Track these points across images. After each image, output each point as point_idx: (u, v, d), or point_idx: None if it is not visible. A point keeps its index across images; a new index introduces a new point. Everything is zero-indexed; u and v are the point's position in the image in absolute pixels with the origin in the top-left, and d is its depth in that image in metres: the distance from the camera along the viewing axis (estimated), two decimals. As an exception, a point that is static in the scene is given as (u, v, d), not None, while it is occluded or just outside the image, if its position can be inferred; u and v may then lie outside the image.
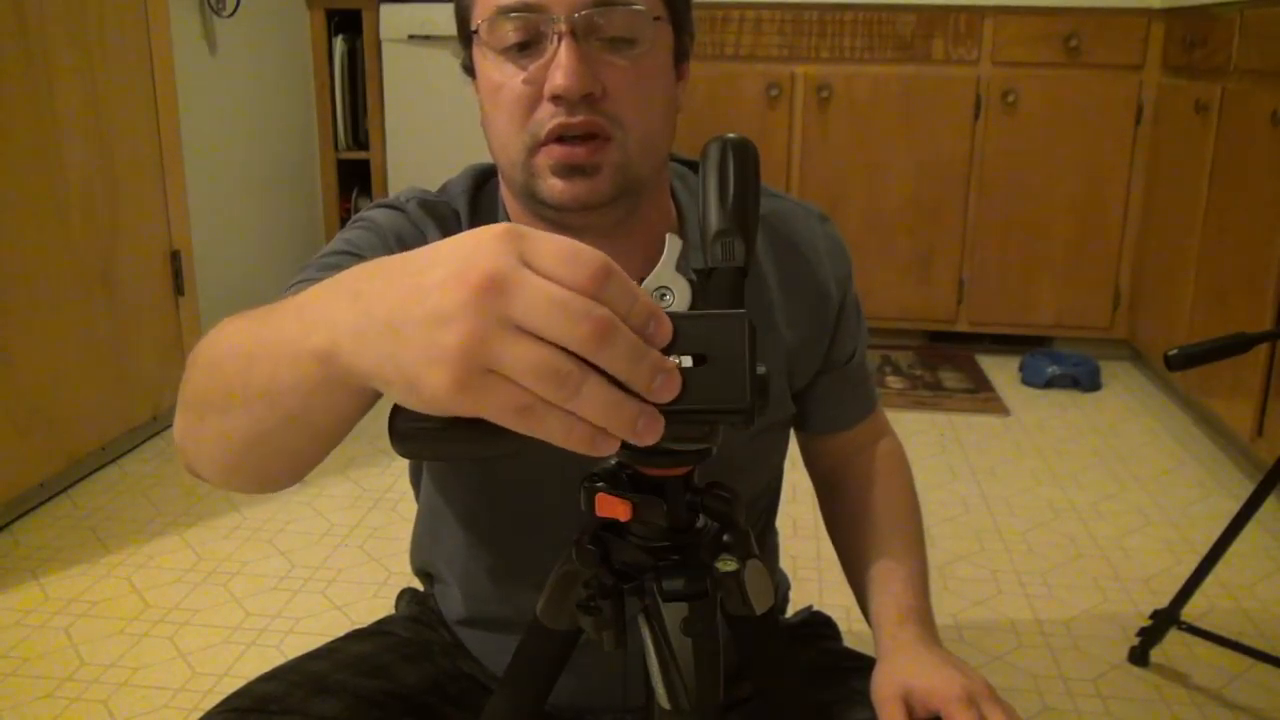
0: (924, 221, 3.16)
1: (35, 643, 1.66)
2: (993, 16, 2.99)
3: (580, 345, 0.41)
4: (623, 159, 0.77)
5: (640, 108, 0.77)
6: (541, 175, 0.77)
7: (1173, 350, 1.41)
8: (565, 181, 0.76)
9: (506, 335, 0.41)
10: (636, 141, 0.77)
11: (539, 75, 0.75)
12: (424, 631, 1.01)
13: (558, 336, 0.41)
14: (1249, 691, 1.58)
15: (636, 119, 0.77)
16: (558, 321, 0.41)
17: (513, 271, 0.41)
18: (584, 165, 0.75)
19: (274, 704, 0.84)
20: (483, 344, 0.41)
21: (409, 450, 0.51)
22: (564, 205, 0.77)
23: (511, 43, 0.75)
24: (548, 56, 0.74)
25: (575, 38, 0.73)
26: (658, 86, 0.79)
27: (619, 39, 0.75)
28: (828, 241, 0.95)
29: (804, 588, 1.82)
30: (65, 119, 2.18)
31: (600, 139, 0.76)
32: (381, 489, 2.23)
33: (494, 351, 0.41)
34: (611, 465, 0.57)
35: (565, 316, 0.41)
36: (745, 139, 0.57)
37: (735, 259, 0.54)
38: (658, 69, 0.79)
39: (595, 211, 0.78)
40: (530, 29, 0.74)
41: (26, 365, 2.09)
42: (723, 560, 0.58)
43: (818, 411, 0.99)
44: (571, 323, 0.41)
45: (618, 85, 0.75)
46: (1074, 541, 2.06)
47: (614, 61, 0.75)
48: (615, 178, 0.77)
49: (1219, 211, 2.49)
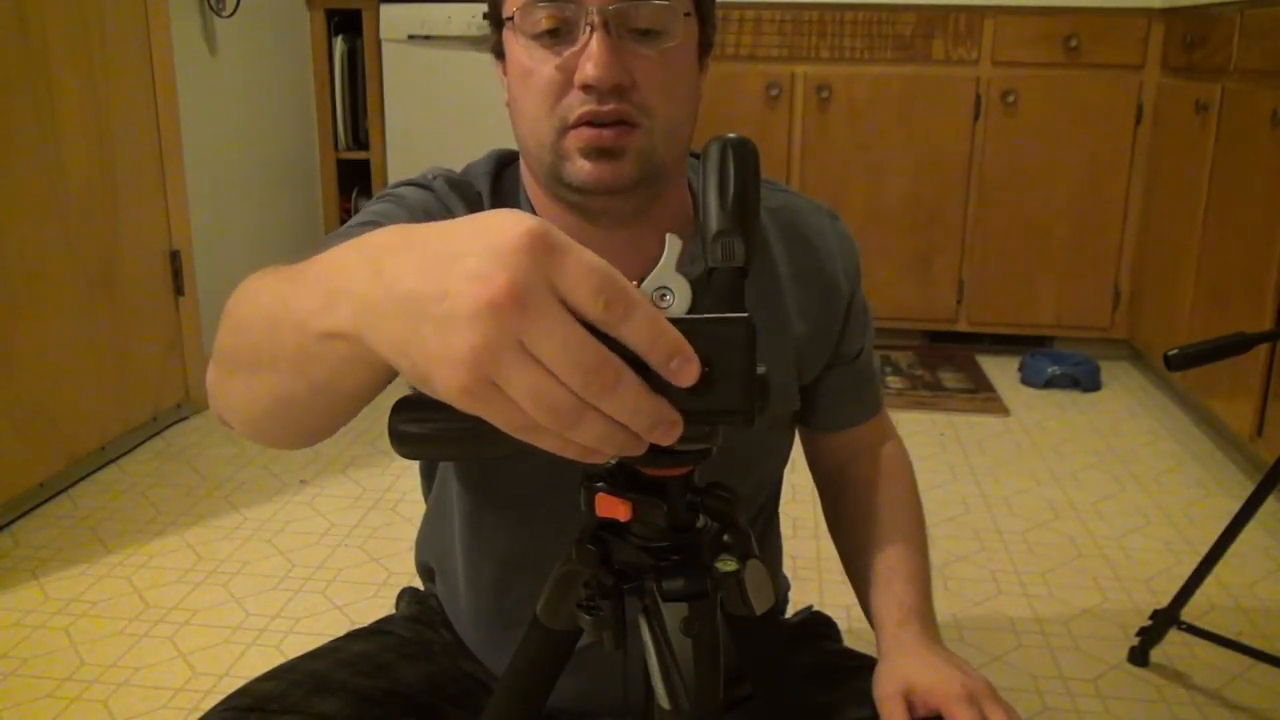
0: (924, 221, 3.16)
1: (35, 643, 1.66)
2: (993, 16, 2.99)
3: (582, 393, 0.41)
4: (648, 145, 0.79)
5: (667, 98, 0.79)
6: (569, 157, 0.78)
7: (1173, 350, 1.41)
8: (592, 163, 0.78)
9: (516, 356, 0.40)
10: (662, 130, 0.79)
11: (570, 63, 0.76)
12: (424, 631, 1.01)
13: (563, 378, 0.41)
14: (1249, 691, 1.58)
15: (663, 108, 0.79)
16: (566, 365, 0.40)
17: (536, 292, 0.40)
18: (611, 148, 0.77)
19: (274, 703, 0.84)
20: (492, 358, 0.40)
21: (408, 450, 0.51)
22: (589, 187, 0.79)
23: (544, 29, 0.77)
24: (579, 45, 0.76)
25: (607, 29, 0.75)
26: (684, 78, 0.81)
27: (649, 30, 0.77)
28: (838, 238, 0.96)
29: (804, 588, 1.82)
30: (65, 119, 2.18)
31: (627, 125, 0.77)
32: (381, 489, 2.23)
33: (501, 368, 0.41)
34: (611, 465, 0.57)
35: (574, 364, 0.40)
36: (745, 139, 0.57)
37: (735, 259, 0.54)
38: (684, 61, 0.81)
39: (618, 196, 0.80)
40: (563, 17, 0.76)
41: (26, 365, 2.09)
42: (723, 560, 0.58)
43: (824, 408, 1.00)
44: (579, 372, 0.41)
45: (646, 76, 0.77)
46: (1074, 541, 2.06)
47: (643, 53, 0.77)
48: (640, 162, 0.79)
49: (1219, 211, 2.49)
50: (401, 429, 0.50)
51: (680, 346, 0.43)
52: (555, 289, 0.41)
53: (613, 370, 0.41)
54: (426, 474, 1.05)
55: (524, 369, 0.41)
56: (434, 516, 1.03)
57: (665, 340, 0.42)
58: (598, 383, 0.41)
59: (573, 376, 0.41)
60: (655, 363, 0.42)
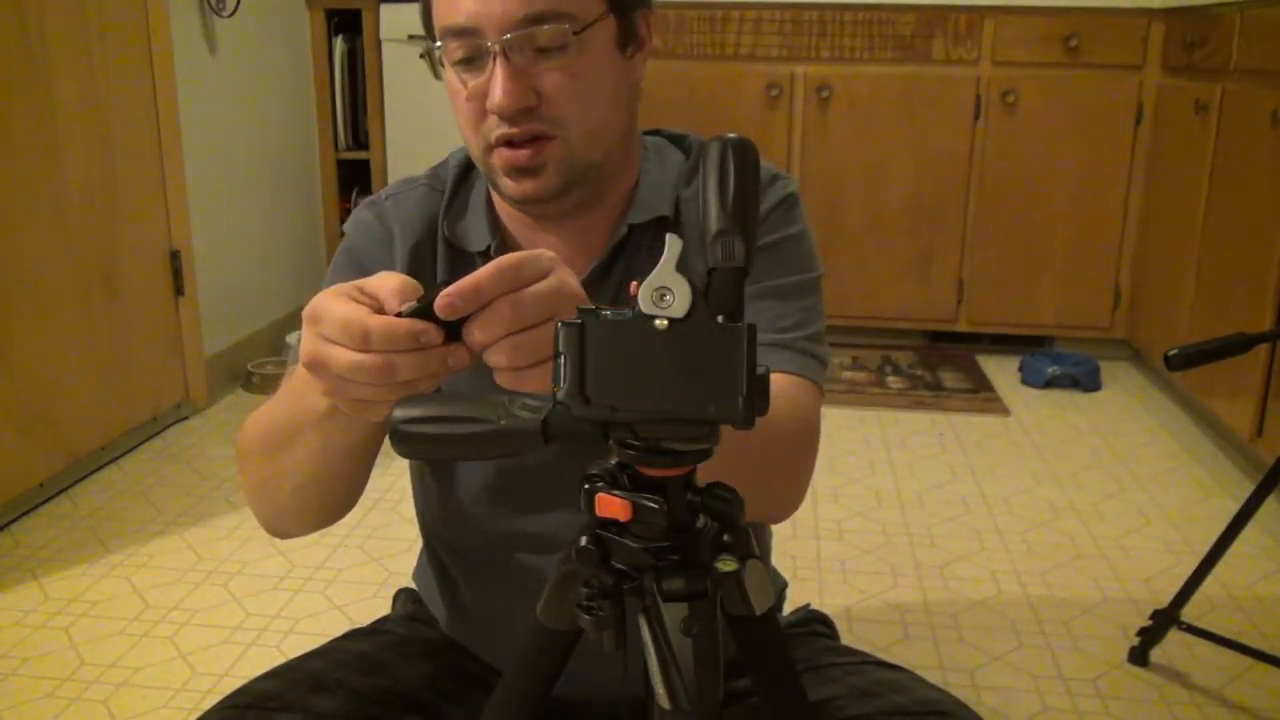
0: (924, 221, 3.16)
1: (35, 643, 1.66)
2: (993, 16, 2.99)
3: (350, 344, 0.59)
4: (566, 153, 0.81)
5: (579, 105, 0.81)
6: (496, 174, 0.83)
7: (1173, 350, 1.41)
8: (515, 181, 0.82)
9: (320, 345, 0.60)
10: (579, 136, 0.81)
11: (480, 90, 0.80)
12: (422, 630, 1.01)
13: (339, 339, 0.59)
14: (1249, 691, 1.58)
15: (577, 116, 0.81)
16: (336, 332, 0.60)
17: (316, 329, 0.61)
18: (528, 166, 0.81)
19: (273, 701, 0.85)
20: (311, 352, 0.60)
21: (408, 450, 0.51)
22: (518, 201, 0.84)
23: (459, 58, 0.81)
24: (487, 74, 0.79)
25: (508, 56, 0.78)
26: (597, 81, 0.82)
27: (549, 48, 0.79)
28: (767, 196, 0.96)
29: (804, 587, 1.82)
30: (65, 119, 2.18)
31: (543, 140, 0.81)
32: (381, 489, 2.23)
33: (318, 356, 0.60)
34: (611, 465, 0.57)
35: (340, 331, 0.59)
36: (745, 139, 0.57)
37: (735, 259, 0.53)
38: (594, 65, 0.81)
39: (550, 203, 0.84)
40: (471, 48, 0.80)
41: (26, 365, 2.09)
42: (723, 560, 0.58)
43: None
44: (342, 332, 0.59)
45: (552, 90, 0.80)
46: (1074, 541, 2.06)
47: (548, 69, 0.79)
48: (561, 171, 0.82)
49: (1219, 211, 2.49)
50: (401, 429, 0.50)
51: (405, 330, 0.57)
52: (323, 335, 0.60)
53: (359, 325, 0.58)
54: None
55: (316, 336, 0.60)
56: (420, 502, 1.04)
57: (397, 329, 0.56)
58: (355, 333, 0.58)
59: (341, 336, 0.58)
60: (403, 339, 0.57)
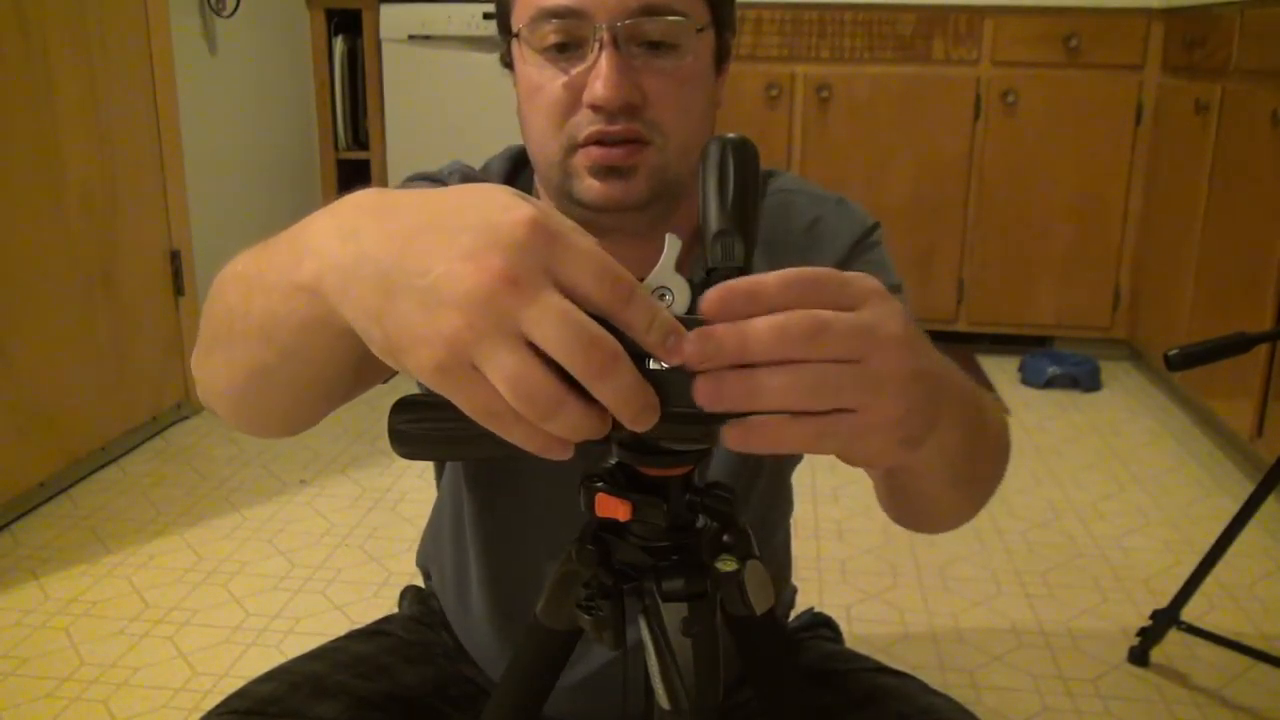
0: (924, 221, 3.16)
1: (35, 643, 1.66)
2: (993, 17, 2.99)
3: (582, 371, 0.40)
4: (660, 162, 0.76)
5: (680, 114, 0.76)
6: (578, 175, 0.76)
7: (1173, 350, 1.41)
8: (602, 182, 0.75)
9: (502, 341, 0.40)
10: (675, 146, 0.76)
11: (579, 81, 0.74)
12: (425, 633, 1.00)
13: (563, 357, 0.40)
14: (1249, 691, 1.58)
15: (676, 125, 0.76)
16: (565, 344, 0.40)
17: (534, 280, 0.40)
18: (621, 167, 0.75)
19: (273, 705, 0.84)
20: (476, 342, 0.40)
21: (408, 450, 0.51)
22: (599, 206, 0.76)
23: (551, 44, 0.74)
24: (588, 62, 0.73)
25: (617, 46, 0.72)
26: (698, 92, 0.78)
27: (661, 44, 0.74)
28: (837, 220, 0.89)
29: (804, 588, 1.81)
30: (65, 119, 2.18)
31: (639, 143, 0.75)
32: (381, 489, 2.23)
33: (484, 353, 0.40)
34: (611, 465, 0.57)
35: (575, 341, 0.40)
36: (745, 139, 0.57)
37: (735, 259, 0.53)
38: (699, 74, 0.78)
39: (630, 213, 0.77)
40: (571, 32, 0.73)
41: (26, 365, 2.09)
42: (723, 560, 0.58)
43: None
44: (580, 350, 0.40)
45: (658, 93, 0.74)
46: (1074, 541, 2.06)
47: (655, 68, 0.74)
48: (652, 181, 0.76)
49: (1219, 212, 2.49)
50: (401, 429, 0.50)
51: (676, 326, 0.42)
52: (553, 274, 0.41)
53: (611, 347, 0.41)
54: (438, 471, 1.05)
55: (509, 355, 0.40)
56: (435, 516, 1.03)
57: (663, 320, 0.42)
58: (599, 359, 0.40)
59: (573, 355, 0.40)
60: (653, 342, 0.42)
